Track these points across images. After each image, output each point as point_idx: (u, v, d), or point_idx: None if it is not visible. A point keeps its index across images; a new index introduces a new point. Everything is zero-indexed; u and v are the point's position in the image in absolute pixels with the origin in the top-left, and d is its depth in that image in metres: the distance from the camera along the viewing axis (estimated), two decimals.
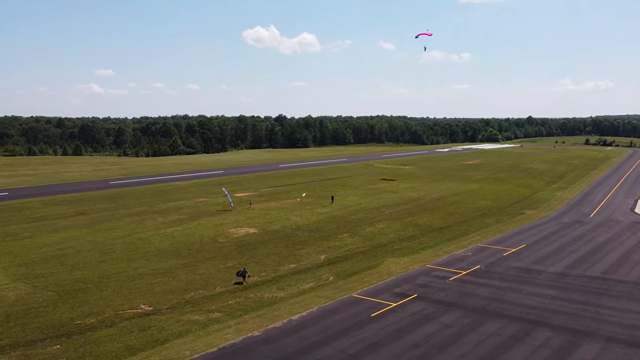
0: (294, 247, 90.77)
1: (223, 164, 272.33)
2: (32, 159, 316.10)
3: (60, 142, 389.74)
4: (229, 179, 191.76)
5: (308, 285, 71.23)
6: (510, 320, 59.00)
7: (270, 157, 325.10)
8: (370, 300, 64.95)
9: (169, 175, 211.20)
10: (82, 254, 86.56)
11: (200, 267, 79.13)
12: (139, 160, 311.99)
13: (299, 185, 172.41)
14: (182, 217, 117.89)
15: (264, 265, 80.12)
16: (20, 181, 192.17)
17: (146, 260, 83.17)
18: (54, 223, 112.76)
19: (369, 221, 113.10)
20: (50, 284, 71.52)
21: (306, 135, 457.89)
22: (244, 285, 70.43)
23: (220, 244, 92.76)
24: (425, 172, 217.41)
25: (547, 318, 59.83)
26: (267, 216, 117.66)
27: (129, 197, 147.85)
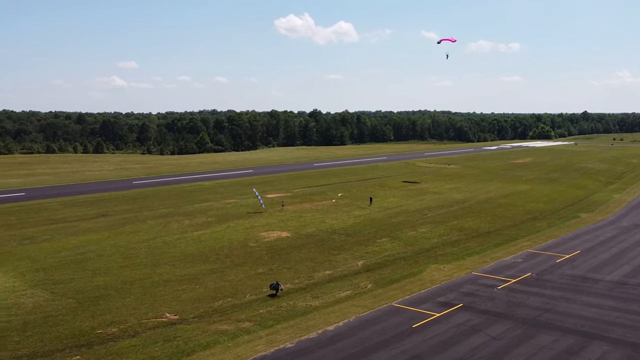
0: (330, 253, 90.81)
1: (253, 162, 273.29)
2: (51, 157, 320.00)
3: (81, 139, 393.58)
4: (259, 179, 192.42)
5: (344, 293, 71.19)
6: (564, 332, 58.44)
7: (304, 155, 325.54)
8: (412, 310, 64.74)
9: (196, 174, 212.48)
10: (104, 259, 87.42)
11: (229, 274, 79.47)
12: (164, 159, 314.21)
13: (334, 185, 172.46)
14: (210, 219, 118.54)
15: (297, 272, 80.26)
16: (39, 181, 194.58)
17: (171, 265, 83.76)
18: (73, 225, 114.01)
19: (410, 224, 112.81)
20: (69, 291, 72.30)
21: (343, 132, 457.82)
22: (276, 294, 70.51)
23: (251, 249, 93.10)
24: (471, 171, 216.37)
25: (605, 331, 59.15)
26: (300, 219, 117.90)
27: (153, 198, 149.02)
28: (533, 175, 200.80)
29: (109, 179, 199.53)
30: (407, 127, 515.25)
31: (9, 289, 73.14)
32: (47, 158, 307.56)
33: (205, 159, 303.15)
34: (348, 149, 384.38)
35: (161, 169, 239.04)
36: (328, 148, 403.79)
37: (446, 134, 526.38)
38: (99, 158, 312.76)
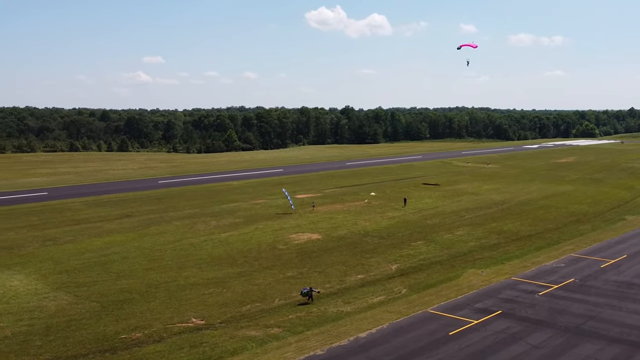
0: (362, 256, 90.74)
1: (283, 161, 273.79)
2: (74, 155, 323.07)
3: (105, 137, 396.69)
4: (289, 179, 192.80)
5: (378, 298, 71.09)
6: (609, 341, 57.90)
7: (335, 154, 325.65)
8: (448, 316, 64.50)
9: (223, 174, 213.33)
10: (128, 261, 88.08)
11: (257, 277, 79.68)
12: (190, 157, 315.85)
13: (367, 185, 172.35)
14: (238, 220, 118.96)
15: (329, 276, 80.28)
16: (61, 180, 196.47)
17: (198, 268, 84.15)
18: (97, 226, 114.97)
19: (446, 227, 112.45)
20: (93, 294, 72.91)
21: (376, 130, 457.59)
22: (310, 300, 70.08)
23: (280, 252, 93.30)
24: (511, 171, 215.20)
25: None
26: (331, 220, 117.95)
27: (179, 198, 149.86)
28: (576, 176, 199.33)
29: (134, 178, 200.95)
30: (444, 124, 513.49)
31: (31, 291, 73.95)
32: (71, 156, 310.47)
33: (232, 158, 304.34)
34: (381, 148, 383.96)
35: (187, 168, 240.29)
36: (360, 146, 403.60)
37: (484, 132, 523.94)
38: (123, 156, 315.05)
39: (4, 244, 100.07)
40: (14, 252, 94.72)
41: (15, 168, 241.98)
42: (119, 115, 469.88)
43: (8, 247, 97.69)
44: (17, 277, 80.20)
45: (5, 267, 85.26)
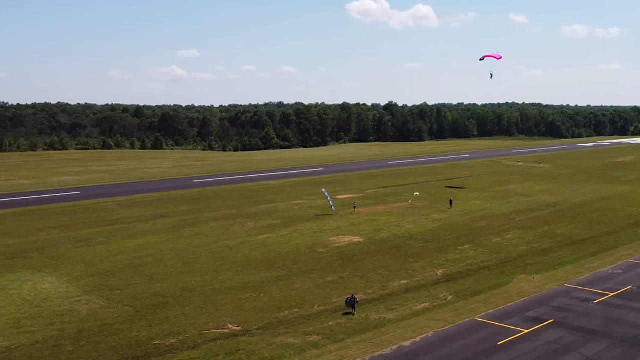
0: (406, 260, 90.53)
1: (323, 160, 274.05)
2: (107, 153, 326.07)
3: (138, 134, 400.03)
4: (329, 178, 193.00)
5: (422, 305, 70.87)
6: None
7: (378, 152, 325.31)
8: (497, 325, 64.12)
9: (261, 173, 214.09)
10: (162, 264, 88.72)
11: (295, 282, 79.82)
12: (227, 156, 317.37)
13: (411, 186, 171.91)
14: (276, 222, 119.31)
15: (370, 281, 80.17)
16: (94, 178, 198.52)
17: (234, 272, 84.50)
18: (130, 227, 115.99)
19: (495, 230, 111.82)
20: (126, 298, 73.52)
21: (421, 127, 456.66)
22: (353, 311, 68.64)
23: (320, 255, 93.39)
24: (564, 171, 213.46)
25: None
26: (374, 222, 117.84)
27: (214, 199, 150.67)
28: (635, 176, 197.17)
29: (168, 177, 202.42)
30: (493, 121, 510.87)
31: (63, 294, 74.79)
32: (103, 154, 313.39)
33: (270, 156, 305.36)
34: (426, 146, 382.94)
35: (224, 167, 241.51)
36: (404, 144, 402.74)
37: (536, 129, 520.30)
38: (158, 154, 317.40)
39: (35, 245, 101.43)
40: (45, 253, 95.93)
41: (47, 166, 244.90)
42: (152, 112, 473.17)
43: (39, 249, 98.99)
44: (49, 279, 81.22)
45: (37, 269, 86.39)
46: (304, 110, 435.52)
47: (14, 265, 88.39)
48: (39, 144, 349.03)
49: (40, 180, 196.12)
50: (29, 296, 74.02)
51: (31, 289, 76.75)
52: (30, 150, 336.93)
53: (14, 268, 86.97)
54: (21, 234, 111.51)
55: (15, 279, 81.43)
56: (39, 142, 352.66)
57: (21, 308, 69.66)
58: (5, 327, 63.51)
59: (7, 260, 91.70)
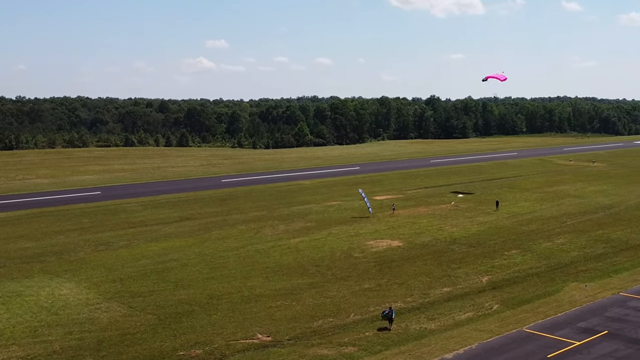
0: (448, 266, 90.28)
1: (360, 158, 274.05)
2: (130, 150, 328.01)
3: (163, 130, 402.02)
4: (367, 178, 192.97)
5: (466, 315, 70.65)
6: None
7: (419, 149, 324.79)
8: (547, 336, 63.74)
9: (294, 172, 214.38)
10: (188, 269, 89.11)
11: (330, 289, 79.81)
12: (257, 153, 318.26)
13: (455, 186, 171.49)
14: (309, 224, 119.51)
15: (410, 288, 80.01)
16: (116, 178, 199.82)
17: (264, 278, 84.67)
18: (154, 230, 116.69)
19: (545, 234, 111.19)
20: (149, 305, 73.90)
21: (465, 122, 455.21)
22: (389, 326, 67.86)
23: (356, 260, 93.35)
24: (620, 170, 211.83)
25: None
26: (414, 225, 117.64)
27: (244, 199, 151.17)
28: None
29: (195, 177, 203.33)
30: (543, 116, 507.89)
31: (82, 301, 75.31)
32: (126, 152, 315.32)
33: (304, 154, 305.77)
34: (471, 143, 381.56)
35: (254, 165, 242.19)
36: (448, 142, 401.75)
37: (590, 125, 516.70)
38: (184, 152, 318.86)
39: (53, 249, 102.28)
40: (63, 257, 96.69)
41: (66, 164, 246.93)
42: (178, 106, 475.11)
43: (57, 252, 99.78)
44: (67, 285, 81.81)
45: (55, 274, 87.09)
46: (340, 104, 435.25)
47: (30, 270, 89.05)
48: (57, 141, 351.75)
49: (58, 179, 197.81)
50: (46, 303, 74.54)
51: (49, 296, 77.33)
52: (48, 147, 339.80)
53: (30, 273, 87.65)
54: (38, 236, 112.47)
55: (31, 284, 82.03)
56: (58, 139, 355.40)
57: (38, 315, 70.13)
58: (22, 335, 64.03)
59: (23, 264, 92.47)
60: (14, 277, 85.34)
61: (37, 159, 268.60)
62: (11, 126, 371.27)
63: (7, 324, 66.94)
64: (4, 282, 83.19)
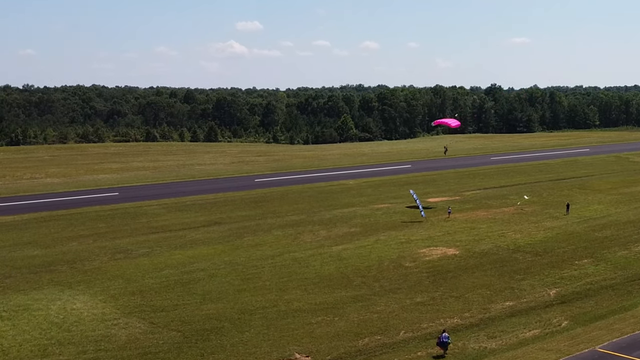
0: (511, 277, 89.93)
1: (411, 155, 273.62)
2: (152, 146, 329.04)
3: (189, 123, 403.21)
4: (419, 177, 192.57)
5: (531, 332, 70.37)
6: None
7: (478, 145, 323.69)
8: (623, 357, 63.38)
9: (336, 170, 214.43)
10: (216, 280, 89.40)
11: (377, 303, 79.77)
12: (295, 149, 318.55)
13: (519, 186, 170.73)
14: (354, 230, 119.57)
15: (468, 302, 79.78)
16: (135, 177, 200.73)
17: (303, 290, 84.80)
18: (178, 236, 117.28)
19: (621, 241, 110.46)
20: (173, 320, 74.17)
21: (530, 115, 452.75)
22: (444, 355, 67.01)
23: (407, 270, 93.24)
24: None
25: None
26: (472, 231, 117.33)
27: (280, 201, 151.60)
28: None
29: (224, 176, 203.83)
30: (618, 108, 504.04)
31: (97, 316, 75.64)
32: (147, 147, 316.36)
33: (348, 150, 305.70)
34: (537, 138, 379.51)
35: (291, 163, 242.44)
36: (510, 136, 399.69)
37: None
38: (212, 148, 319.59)
39: (65, 257, 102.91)
40: (76, 267, 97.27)
41: (79, 162, 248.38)
42: (206, 96, 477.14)
43: (70, 261, 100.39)
44: (81, 298, 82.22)
45: (67, 285, 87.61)
46: (389, 94, 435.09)
47: (39, 281, 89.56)
48: (69, 135, 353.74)
49: (71, 178, 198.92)
50: (57, 318, 74.86)
51: (60, 310, 77.65)
52: (59, 142, 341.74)
53: (39, 284, 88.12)
54: (48, 243, 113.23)
55: (41, 297, 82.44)
56: (70, 133, 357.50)
57: (48, 332, 70.44)
58: (29, 355, 64.36)
59: (31, 275, 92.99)
60: (21, 289, 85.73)
61: (47, 156, 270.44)
62: (18, 118, 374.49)
63: (13, 342, 67.26)
64: (10, 294, 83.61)
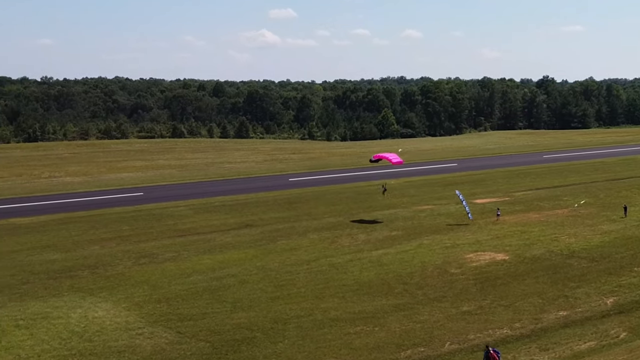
0: (565, 285, 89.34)
1: (457, 152, 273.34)
2: (178, 142, 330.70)
3: (218, 118, 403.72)
4: (465, 177, 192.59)
5: (586, 344, 69.83)
6: None
7: (529, 142, 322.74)
8: None
9: (376, 169, 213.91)
10: (248, 287, 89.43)
11: (421, 312, 79.52)
12: (332, 147, 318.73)
13: (573, 187, 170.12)
14: (395, 233, 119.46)
15: (518, 312, 79.38)
16: (161, 176, 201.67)
17: (340, 298, 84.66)
18: (207, 239, 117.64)
19: None
20: (201, 330, 74.23)
21: (585, 109, 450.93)
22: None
23: (452, 277, 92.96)
24: None
25: None
26: (523, 235, 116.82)
27: (315, 202, 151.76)
28: None
29: (256, 175, 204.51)
30: None
31: (121, 325, 75.85)
32: (173, 144, 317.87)
33: (389, 147, 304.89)
34: (593, 134, 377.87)
35: (328, 161, 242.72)
36: (564, 132, 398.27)
37: None
38: (243, 145, 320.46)
39: (86, 262, 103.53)
40: (98, 272, 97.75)
41: (101, 159, 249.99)
42: (237, 89, 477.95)
43: (91, 266, 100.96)
44: (103, 305, 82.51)
45: (88, 292, 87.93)
46: (433, 87, 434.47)
47: (59, 288, 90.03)
48: (91, 131, 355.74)
49: (92, 177, 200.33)
50: (78, 327, 75.06)
51: (81, 318, 77.88)
52: (80, 138, 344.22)
53: (59, 291, 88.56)
54: (68, 246, 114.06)
55: (60, 304, 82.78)
56: (91, 129, 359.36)
57: (68, 342, 70.58)
58: None
59: (50, 280, 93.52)
60: (39, 296, 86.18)
61: (67, 153, 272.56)
62: (35, 113, 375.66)
63: (31, 353, 67.39)
64: (28, 301, 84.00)
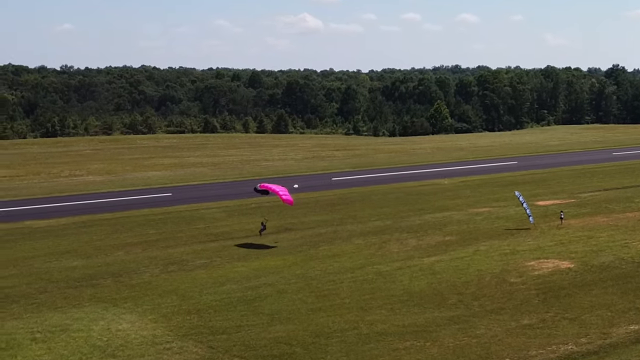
0: (637, 296, 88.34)
1: (517, 149, 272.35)
2: (210, 138, 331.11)
3: (254, 111, 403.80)
4: (526, 176, 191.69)
5: None
6: None
7: (597, 138, 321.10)
8: None
9: (428, 167, 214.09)
10: (286, 297, 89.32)
11: (477, 325, 79.11)
12: (379, 143, 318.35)
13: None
14: (448, 238, 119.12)
15: (585, 326, 78.80)
16: (191, 175, 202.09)
17: (388, 310, 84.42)
18: (242, 244, 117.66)
19: None
20: (235, 345, 74.11)
21: None
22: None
23: (512, 287, 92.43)
24: None
25: None
26: (590, 240, 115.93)
27: (361, 204, 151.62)
28: None
29: (296, 173, 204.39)
30: None
31: (147, 339, 75.79)
32: (205, 140, 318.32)
33: (441, 144, 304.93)
34: None
35: (375, 159, 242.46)
36: (636, 127, 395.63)
37: None
38: (282, 140, 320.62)
39: (109, 269, 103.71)
40: (122, 280, 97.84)
41: (127, 157, 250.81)
42: (275, 79, 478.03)
43: (115, 274, 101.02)
44: (128, 317, 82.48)
45: (111, 302, 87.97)
46: (490, 77, 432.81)
47: (79, 297, 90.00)
48: (115, 125, 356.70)
49: (117, 176, 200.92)
50: (101, 341, 74.92)
51: (103, 331, 77.82)
52: (103, 133, 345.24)
53: (79, 301, 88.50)
54: (90, 252, 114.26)
55: (81, 316, 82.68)
56: (116, 123, 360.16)
57: (89, 357, 70.48)
58: None
59: (70, 289, 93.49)
60: (58, 307, 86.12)
61: (89, 150, 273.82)
62: (55, 105, 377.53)
63: None
64: (45, 312, 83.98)
